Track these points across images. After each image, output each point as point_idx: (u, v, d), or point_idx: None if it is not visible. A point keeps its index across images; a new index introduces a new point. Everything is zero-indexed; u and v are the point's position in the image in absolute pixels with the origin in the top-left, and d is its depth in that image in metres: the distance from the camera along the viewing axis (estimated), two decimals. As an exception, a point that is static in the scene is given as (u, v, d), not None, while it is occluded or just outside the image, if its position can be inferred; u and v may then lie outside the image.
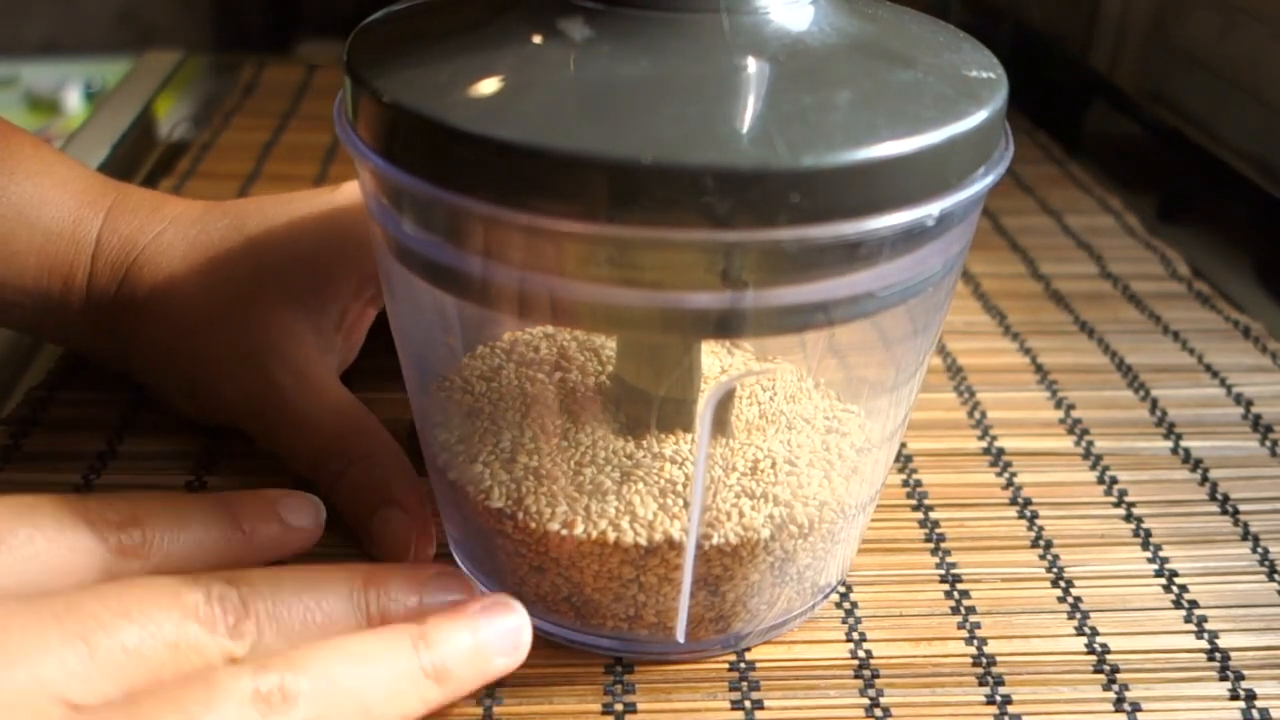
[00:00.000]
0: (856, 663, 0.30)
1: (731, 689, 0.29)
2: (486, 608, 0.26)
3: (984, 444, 0.39)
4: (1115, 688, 0.30)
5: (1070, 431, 0.40)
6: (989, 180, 0.25)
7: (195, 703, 0.22)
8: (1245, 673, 0.30)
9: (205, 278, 0.36)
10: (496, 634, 0.26)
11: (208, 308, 0.36)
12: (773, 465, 0.30)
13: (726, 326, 0.24)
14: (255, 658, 0.24)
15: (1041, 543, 0.35)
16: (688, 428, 0.30)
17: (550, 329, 0.34)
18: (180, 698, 0.22)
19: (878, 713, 0.29)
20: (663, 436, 0.30)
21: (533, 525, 0.28)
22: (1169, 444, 0.40)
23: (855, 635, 0.31)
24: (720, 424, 0.30)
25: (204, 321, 0.35)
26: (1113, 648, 0.31)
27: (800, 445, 0.31)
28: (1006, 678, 0.30)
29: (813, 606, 0.32)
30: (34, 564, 0.25)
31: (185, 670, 0.23)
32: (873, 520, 0.35)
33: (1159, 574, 0.34)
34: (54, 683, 0.22)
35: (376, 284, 0.37)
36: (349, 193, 0.38)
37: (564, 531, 0.28)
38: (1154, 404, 0.42)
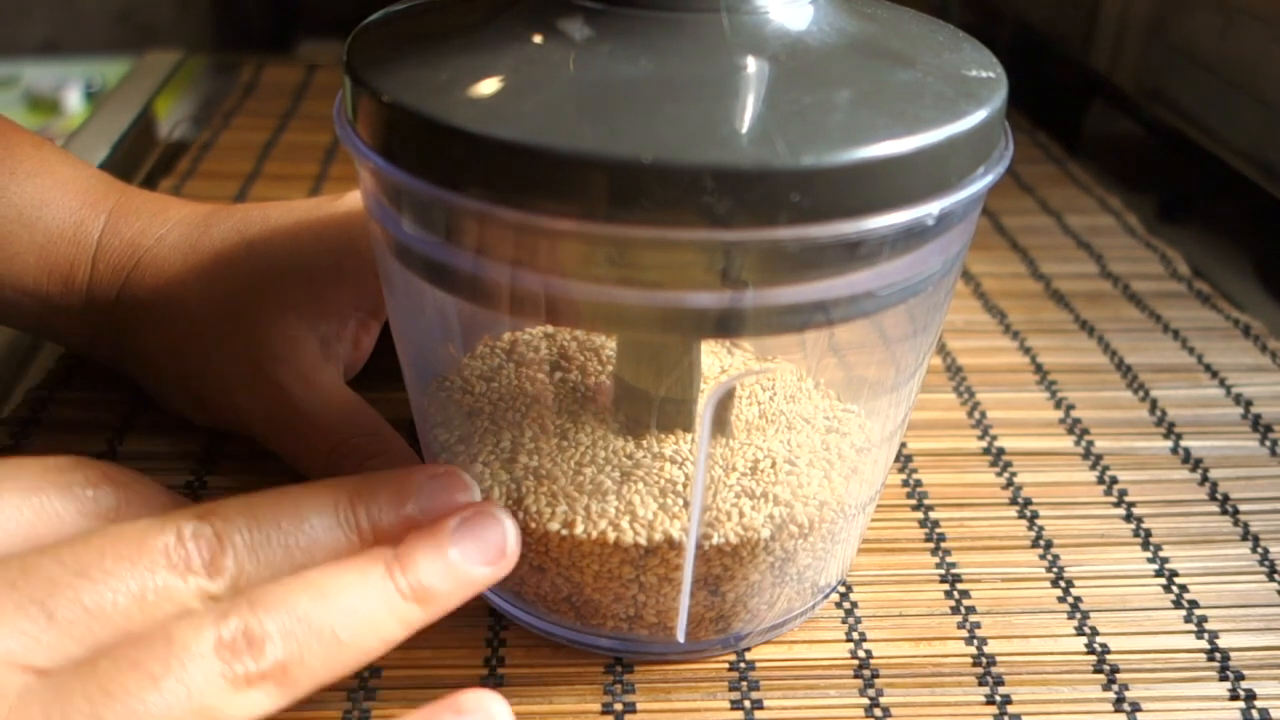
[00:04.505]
0: (856, 663, 0.30)
1: (731, 689, 0.29)
2: (466, 519, 0.25)
3: (984, 444, 0.39)
4: (1115, 688, 0.30)
5: (1070, 431, 0.40)
6: (989, 180, 0.25)
7: (155, 661, 0.21)
8: (1245, 673, 0.30)
9: (207, 284, 0.36)
10: (477, 545, 0.25)
11: (211, 315, 0.36)
12: (773, 465, 0.30)
13: (726, 326, 0.24)
14: (234, 595, 0.23)
15: (1041, 543, 0.35)
16: (688, 428, 0.30)
17: (550, 329, 0.34)
18: (139, 659, 0.21)
19: (878, 713, 0.29)
20: (663, 436, 0.30)
21: (533, 525, 0.28)
22: (1169, 444, 0.40)
23: (855, 635, 0.31)
24: (720, 424, 0.30)
25: (208, 329, 0.35)
26: (1113, 648, 0.31)
27: (800, 445, 0.31)
28: (1006, 678, 0.30)
29: (813, 606, 0.32)
30: None
31: (158, 620, 0.22)
32: (873, 520, 0.35)
33: (1159, 574, 0.34)
34: (13, 653, 0.21)
35: (376, 296, 0.37)
36: (351, 202, 0.37)
37: (564, 531, 0.28)
38: (1154, 404, 0.42)
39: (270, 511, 0.24)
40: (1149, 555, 0.34)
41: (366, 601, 0.23)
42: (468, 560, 0.25)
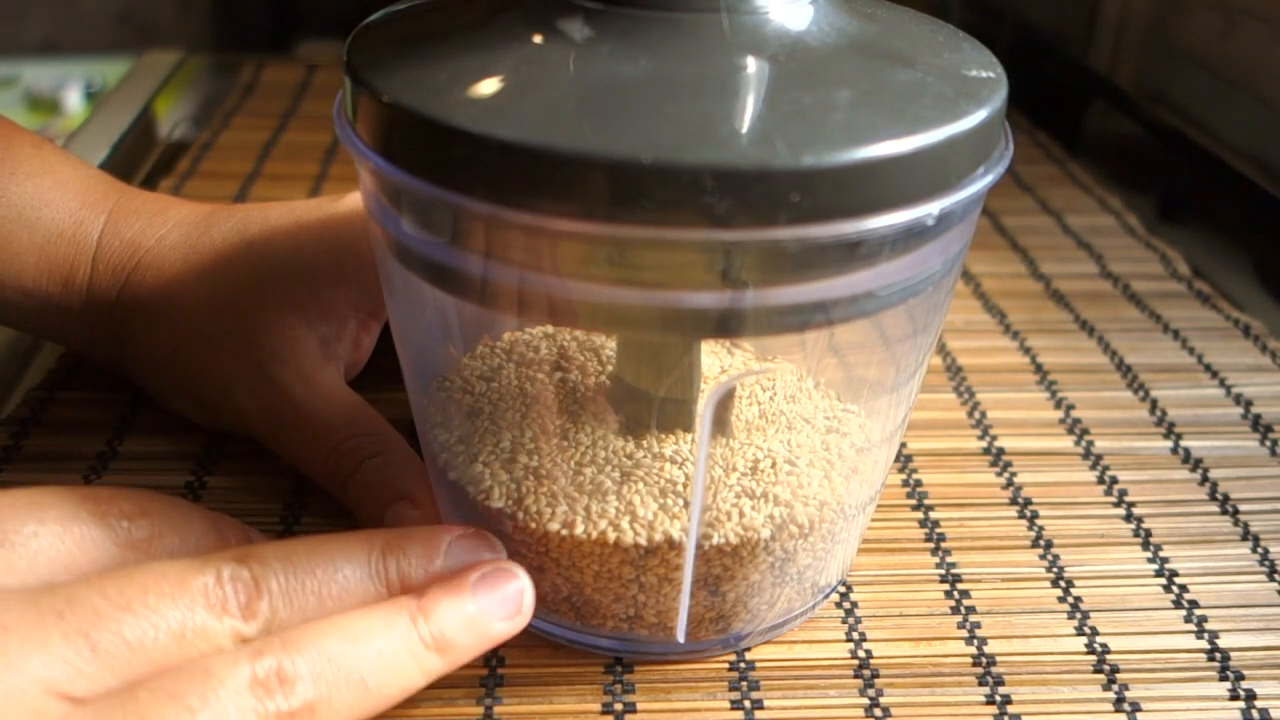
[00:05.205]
0: (856, 663, 0.30)
1: (731, 689, 0.29)
2: (486, 575, 0.26)
3: (984, 444, 0.39)
4: (1115, 688, 0.30)
5: (1070, 431, 0.40)
6: (989, 180, 0.25)
7: (192, 693, 0.22)
8: (1245, 673, 0.30)
9: (208, 285, 0.36)
10: (496, 600, 0.26)
11: (211, 315, 0.36)
12: (773, 465, 0.30)
13: (726, 326, 0.24)
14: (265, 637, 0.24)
15: (1041, 543, 0.35)
16: (688, 428, 0.30)
17: (550, 329, 0.34)
18: (176, 689, 0.22)
19: (877, 713, 0.29)
20: (663, 436, 0.30)
21: (533, 525, 0.28)
22: (1169, 444, 0.40)
23: (855, 635, 0.31)
24: (720, 424, 0.30)
25: (208, 329, 0.35)
26: (1113, 648, 0.31)
27: (800, 445, 0.31)
28: (1006, 678, 0.30)
29: (813, 606, 0.32)
30: (39, 559, 0.24)
31: (193, 658, 0.23)
32: (873, 520, 0.35)
33: (1159, 574, 0.34)
34: (55, 682, 0.21)
35: (377, 297, 0.37)
36: (352, 202, 0.37)
37: (564, 531, 0.28)
38: (1154, 404, 0.42)
39: (305, 559, 0.25)
40: (1149, 555, 0.34)
41: (392, 648, 0.25)
42: (487, 615, 0.26)
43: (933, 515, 0.36)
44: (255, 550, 0.25)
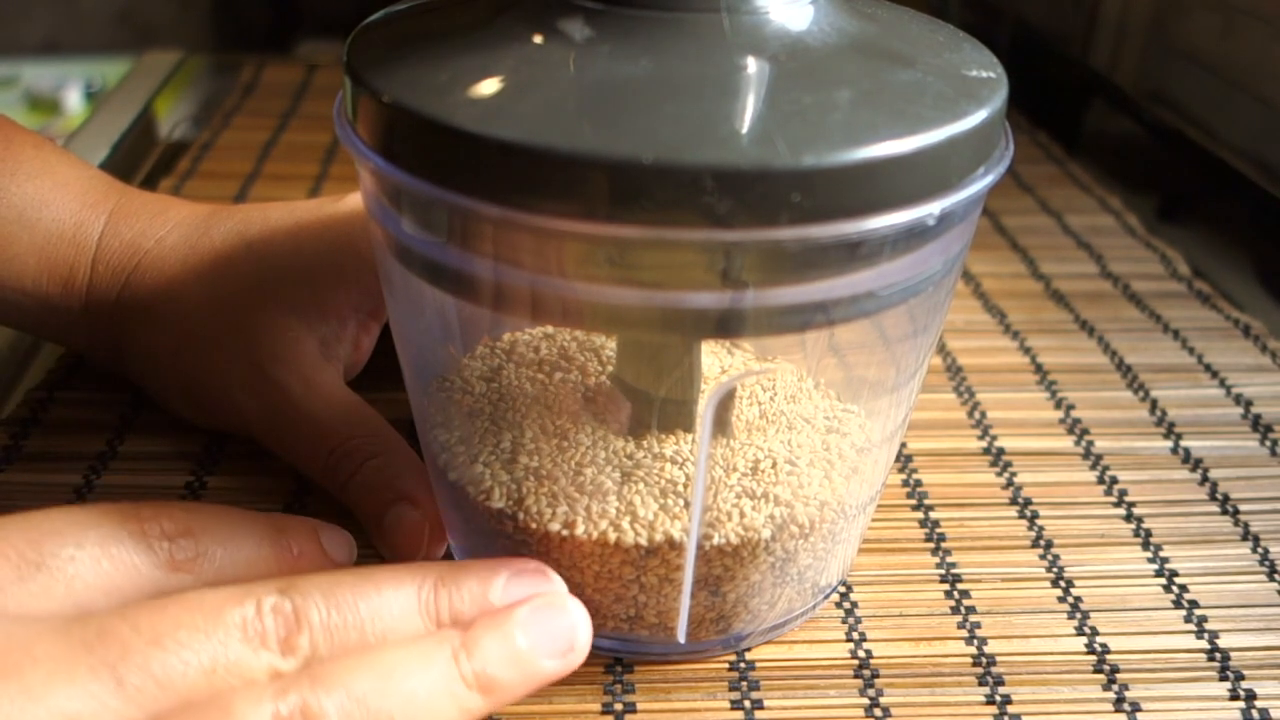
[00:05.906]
0: (856, 663, 0.30)
1: (731, 689, 0.29)
2: (536, 608, 0.25)
3: (984, 444, 0.39)
4: (1115, 688, 0.30)
5: (1070, 431, 0.40)
6: (989, 180, 0.25)
7: None
8: (1245, 673, 0.30)
9: (208, 285, 0.36)
10: (546, 636, 0.25)
11: (211, 316, 0.36)
12: (773, 465, 0.30)
13: (726, 326, 0.24)
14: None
15: (1041, 543, 0.35)
16: (688, 428, 0.30)
17: (550, 329, 0.34)
18: None
19: (878, 713, 0.29)
20: (663, 437, 0.30)
21: (533, 525, 0.28)
22: (1169, 444, 0.40)
23: (855, 635, 0.31)
24: (720, 424, 0.30)
25: (208, 330, 0.35)
26: (1113, 648, 0.31)
27: (800, 445, 0.31)
28: (1006, 678, 0.30)
29: (813, 606, 0.32)
30: (76, 584, 0.24)
31: (221, 692, 0.22)
32: (873, 520, 0.35)
33: (1159, 574, 0.34)
34: (78, 716, 0.21)
35: (377, 298, 0.37)
36: (352, 203, 0.37)
37: (564, 532, 0.28)
38: (1154, 404, 0.42)
39: (351, 591, 0.24)
40: (1149, 555, 0.34)
41: (428, 687, 0.23)
42: (536, 651, 0.24)
43: (933, 515, 0.36)
44: (298, 581, 0.24)
